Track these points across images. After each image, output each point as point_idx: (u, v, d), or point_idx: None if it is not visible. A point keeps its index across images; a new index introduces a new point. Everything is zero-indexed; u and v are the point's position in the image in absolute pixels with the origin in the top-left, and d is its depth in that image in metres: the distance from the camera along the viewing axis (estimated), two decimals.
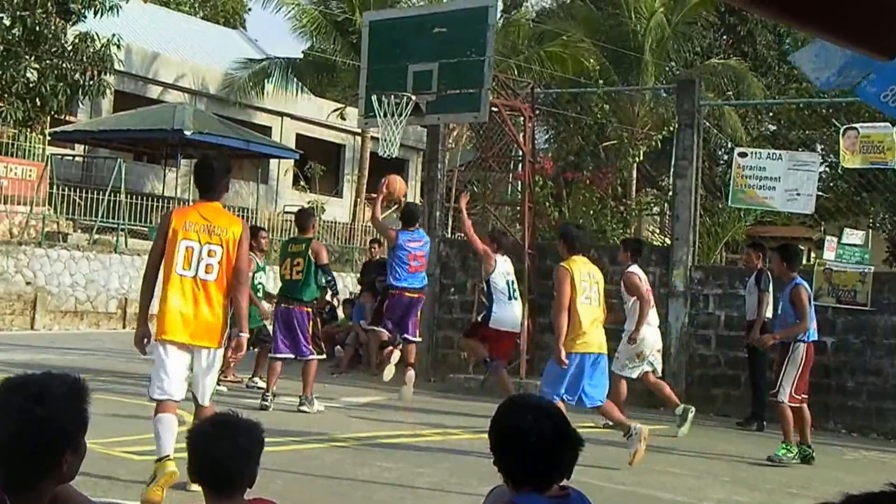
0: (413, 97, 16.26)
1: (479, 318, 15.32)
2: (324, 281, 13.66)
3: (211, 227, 8.18)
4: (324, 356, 14.03)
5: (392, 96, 16.27)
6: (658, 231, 27.50)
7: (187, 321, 8.09)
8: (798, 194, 16.59)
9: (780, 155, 17.36)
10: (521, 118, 17.58)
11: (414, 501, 8.91)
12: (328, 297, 15.78)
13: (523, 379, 16.39)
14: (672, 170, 18.04)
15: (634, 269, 13.87)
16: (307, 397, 13.42)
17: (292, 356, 13.57)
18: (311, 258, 13.43)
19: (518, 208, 18.89)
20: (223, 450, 3.80)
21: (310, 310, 13.57)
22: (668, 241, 19.30)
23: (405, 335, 14.57)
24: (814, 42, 5.47)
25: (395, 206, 19.86)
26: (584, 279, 10.70)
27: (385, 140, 16.62)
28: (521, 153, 17.59)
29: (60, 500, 3.50)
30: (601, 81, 22.54)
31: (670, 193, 19.04)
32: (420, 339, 15.28)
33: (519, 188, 18.70)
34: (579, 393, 10.70)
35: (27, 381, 3.29)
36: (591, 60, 27.56)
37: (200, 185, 8.50)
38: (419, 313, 15.01)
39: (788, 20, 2.58)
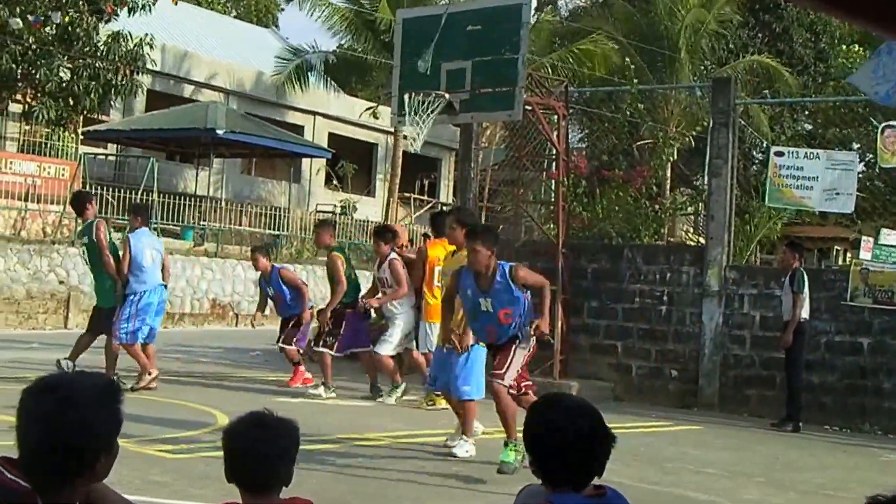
0: (446, 95, 16.20)
1: None
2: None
3: None
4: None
5: (424, 94, 16.22)
6: (692, 230, 27.36)
7: None
8: (837, 194, 16.44)
9: (817, 154, 17.22)
10: (555, 116, 17.48)
11: (447, 500, 8.87)
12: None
13: (557, 380, 16.29)
14: (706, 169, 17.90)
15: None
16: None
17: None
18: None
19: (552, 207, 18.79)
20: (259, 449, 3.78)
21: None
22: (702, 240, 19.17)
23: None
24: (871, 59, 5.42)
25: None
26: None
27: (411, 135, 16.58)
28: (554, 152, 17.49)
29: (94, 499, 3.49)
30: (636, 80, 22.38)
31: (705, 193, 18.89)
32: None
33: (552, 187, 18.57)
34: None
35: (59, 383, 3.25)
36: (626, 59, 27.42)
37: None
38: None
39: (857, 19, 2.48)
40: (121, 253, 14.02)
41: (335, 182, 43.38)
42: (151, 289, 13.94)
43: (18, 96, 29.31)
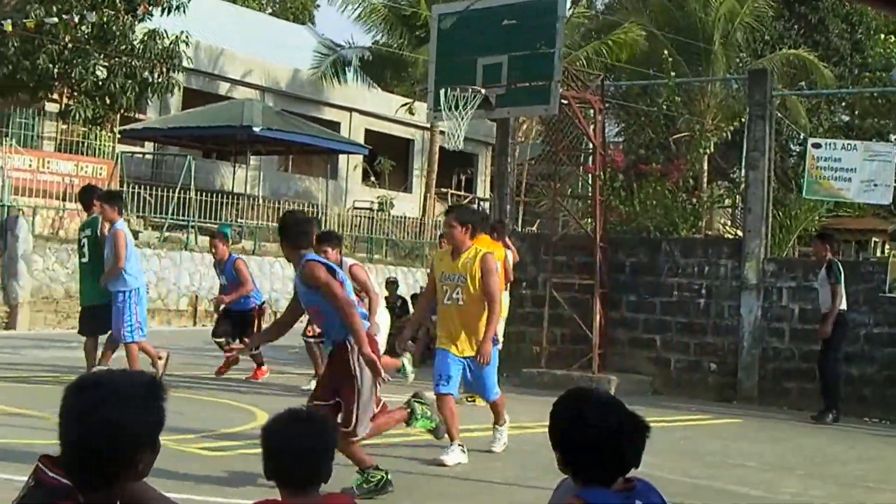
0: (482, 90, 16.21)
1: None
2: None
3: None
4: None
5: (460, 90, 16.24)
6: (730, 223, 27.24)
7: None
8: (875, 185, 16.36)
9: (854, 145, 17.13)
10: (591, 110, 17.46)
11: (488, 495, 8.88)
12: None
13: (596, 374, 16.28)
14: (744, 161, 17.85)
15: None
16: None
17: None
18: None
19: (589, 202, 18.77)
20: (299, 446, 3.80)
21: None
22: (740, 233, 19.10)
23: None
24: None
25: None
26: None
27: (451, 133, 16.59)
28: (591, 146, 17.47)
29: (135, 497, 3.50)
30: (673, 73, 22.33)
31: (742, 186, 18.82)
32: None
33: (589, 181, 18.55)
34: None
35: (101, 380, 3.27)
36: (664, 53, 27.38)
37: None
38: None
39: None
40: (113, 247, 13.42)
41: (372, 178, 43.47)
42: (143, 283, 13.75)
43: (55, 96, 29.52)
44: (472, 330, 9.80)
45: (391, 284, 21.11)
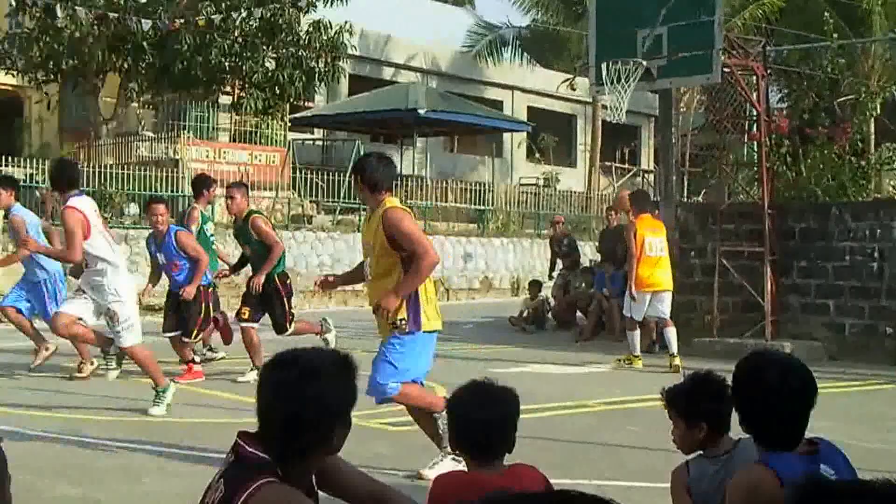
0: (643, 63, 16.27)
1: None
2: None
3: None
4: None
5: (622, 63, 16.33)
6: None
7: None
8: None
9: None
10: (754, 77, 17.35)
11: (665, 464, 8.94)
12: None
13: (769, 341, 16.19)
14: None
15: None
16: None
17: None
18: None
19: (755, 169, 18.66)
20: (485, 416, 3.89)
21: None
22: None
23: None
24: None
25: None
26: None
27: (613, 106, 16.70)
28: (754, 113, 17.37)
29: (328, 470, 3.70)
30: (836, 35, 21.99)
31: None
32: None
33: (755, 148, 18.42)
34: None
35: (298, 357, 3.42)
36: (825, 14, 26.89)
37: None
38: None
39: None
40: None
41: (537, 154, 43.63)
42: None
43: (228, 88, 30.49)
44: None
45: (534, 285, 21.41)
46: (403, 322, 7.74)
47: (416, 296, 7.73)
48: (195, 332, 12.76)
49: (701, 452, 4.54)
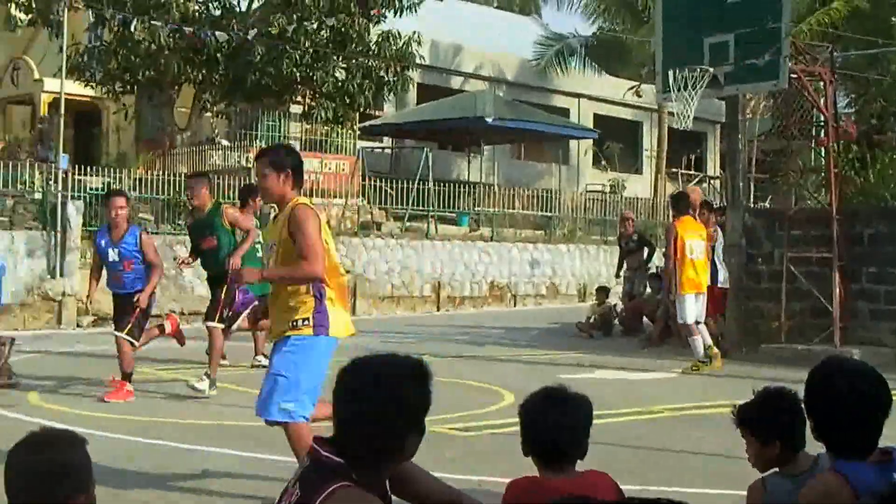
0: (710, 69, 16.38)
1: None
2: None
3: None
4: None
5: (688, 70, 16.44)
6: None
7: None
8: None
9: None
10: (821, 83, 17.38)
11: (728, 470, 8.97)
12: None
13: (838, 347, 16.14)
14: None
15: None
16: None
17: None
18: None
19: (822, 174, 18.67)
20: (557, 422, 3.95)
21: None
22: None
23: None
24: None
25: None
26: None
27: (680, 113, 16.82)
28: (822, 118, 17.39)
29: (402, 475, 3.82)
30: None
31: None
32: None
33: (822, 154, 18.45)
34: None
35: (372, 362, 3.48)
36: (892, 18, 26.82)
37: None
38: None
39: None
40: None
41: (603, 162, 43.70)
42: None
43: (299, 98, 30.92)
44: (279, 315, 7.18)
45: (601, 291, 21.55)
46: (305, 323, 6.96)
47: (322, 298, 6.98)
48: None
49: (776, 470, 4.43)
